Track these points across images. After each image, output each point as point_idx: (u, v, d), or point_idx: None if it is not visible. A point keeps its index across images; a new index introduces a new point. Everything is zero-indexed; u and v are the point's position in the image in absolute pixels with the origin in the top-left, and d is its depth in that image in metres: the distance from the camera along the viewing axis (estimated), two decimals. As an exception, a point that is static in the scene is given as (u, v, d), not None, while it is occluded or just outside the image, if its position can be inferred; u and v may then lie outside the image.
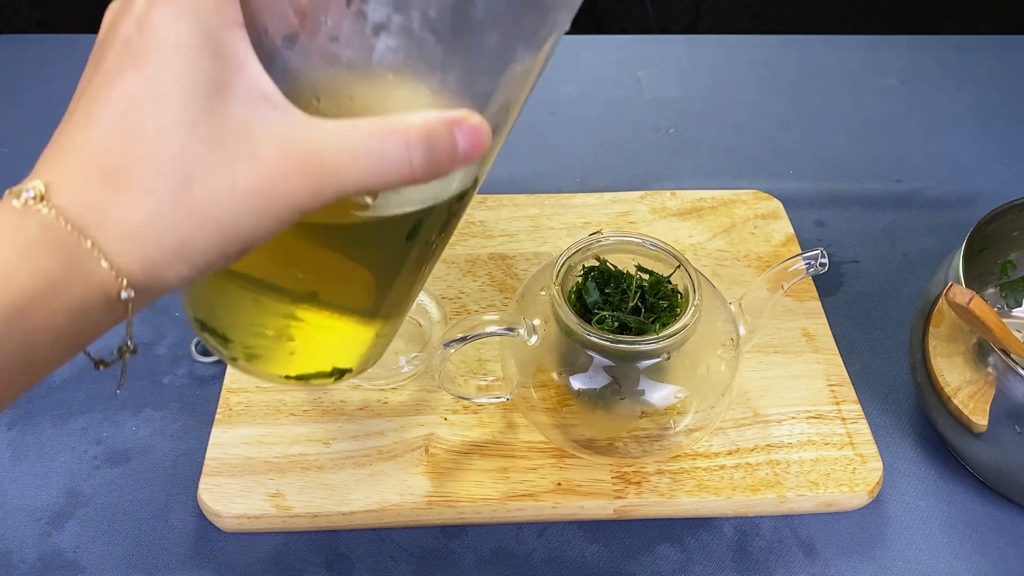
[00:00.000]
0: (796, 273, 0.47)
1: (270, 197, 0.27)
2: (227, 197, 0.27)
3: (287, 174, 0.27)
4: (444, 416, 0.53)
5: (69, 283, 0.26)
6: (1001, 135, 0.77)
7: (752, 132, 0.77)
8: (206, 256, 0.27)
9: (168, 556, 0.49)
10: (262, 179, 0.27)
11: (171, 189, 0.26)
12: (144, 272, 0.27)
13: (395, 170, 0.27)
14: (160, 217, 0.27)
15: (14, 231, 0.26)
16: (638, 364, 0.46)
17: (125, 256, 0.27)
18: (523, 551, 0.49)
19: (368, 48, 0.27)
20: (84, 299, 0.27)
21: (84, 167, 0.27)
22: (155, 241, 0.27)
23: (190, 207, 0.27)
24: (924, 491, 0.52)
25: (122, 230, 0.27)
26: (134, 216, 0.26)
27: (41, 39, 0.85)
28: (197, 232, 0.27)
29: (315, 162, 0.27)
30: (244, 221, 0.27)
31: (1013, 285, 0.58)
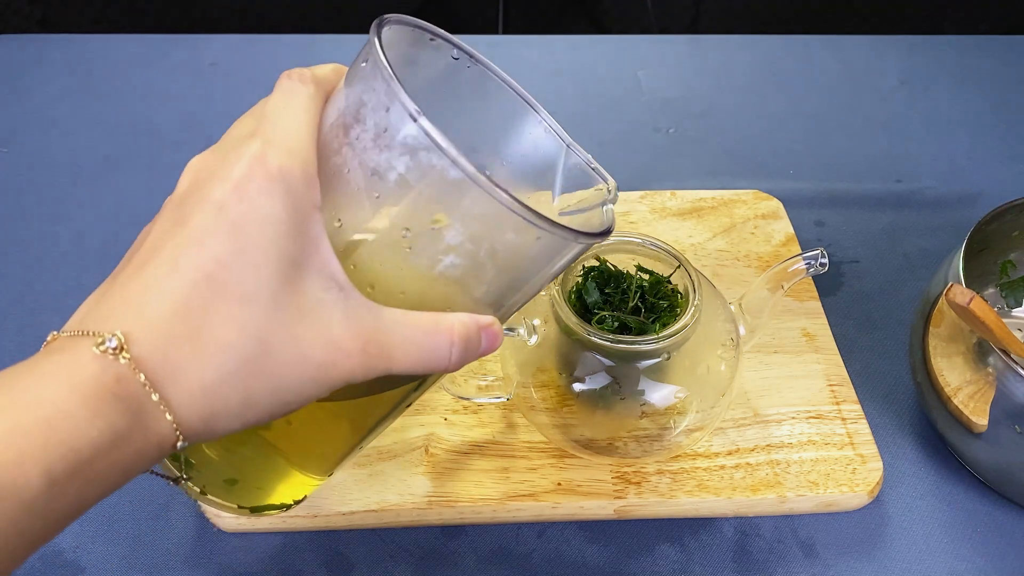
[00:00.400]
0: (796, 273, 0.47)
1: (332, 370, 0.30)
2: (297, 366, 0.29)
3: (351, 352, 0.30)
4: (444, 416, 0.53)
5: (130, 437, 0.27)
6: (1001, 135, 0.77)
7: (752, 132, 0.77)
8: (259, 414, 0.29)
9: (168, 556, 0.49)
10: (330, 355, 0.30)
11: (249, 353, 0.28)
12: (201, 425, 0.28)
13: (436, 361, 0.32)
14: (233, 377, 0.28)
15: (89, 381, 0.27)
16: (638, 364, 0.46)
17: (189, 411, 0.28)
18: (523, 551, 0.49)
19: (435, 260, 0.32)
20: (140, 452, 0.27)
21: (166, 320, 0.28)
22: (222, 399, 0.28)
23: (262, 371, 0.29)
24: (924, 491, 0.52)
25: (194, 387, 0.28)
26: (209, 375, 0.28)
27: (41, 39, 0.85)
28: (262, 394, 0.29)
29: (376, 346, 0.30)
30: (305, 388, 0.30)
31: (1013, 285, 0.58)
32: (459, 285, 0.33)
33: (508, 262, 0.33)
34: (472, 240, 0.31)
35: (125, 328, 0.28)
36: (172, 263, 0.29)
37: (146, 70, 0.82)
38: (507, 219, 0.31)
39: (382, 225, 0.31)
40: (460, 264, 0.32)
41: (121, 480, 0.27)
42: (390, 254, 0.32)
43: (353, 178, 0.31)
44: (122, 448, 0.27)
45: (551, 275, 0.36)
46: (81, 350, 0.27)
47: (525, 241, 0.32)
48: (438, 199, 0.31)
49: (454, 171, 0.30)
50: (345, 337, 0.30)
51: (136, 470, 0.28)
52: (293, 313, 0.29)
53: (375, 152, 0.31)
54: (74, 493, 0.26)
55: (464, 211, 0.31)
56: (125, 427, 0.27)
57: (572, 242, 0.33)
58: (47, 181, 0.71)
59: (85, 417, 0.26)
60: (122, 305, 0.29)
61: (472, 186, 0.30)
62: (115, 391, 0.27)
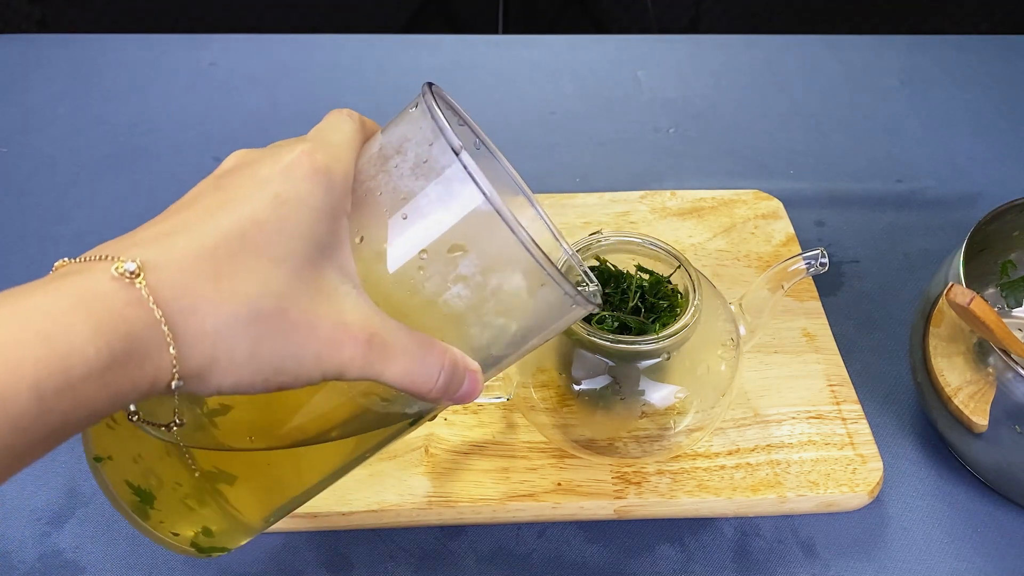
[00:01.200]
0: (796, 273, 0.47)
1: (333, 352, 0.30)
2: (307, 335, 0.30)
3: (357, 339, 0.31)
4: (444, 416, 0.53)
5: (128, 366, 0.27)
6: (1001, 135, 0.77)
7: (752, 132, 0.77)
8: (253, 377, 0.29)
9: (168, 556, 0.49)
10: (338, 335, 0.30)
11: (266, 309, 0.29)
12: (201, 368, 0.28)
13: (424, 379, 0.32)
14: (245, 327, 0.29)
15: (98, 300, 0.27)
16: (638, 364, 0.46)
17: (193, 350, 0.28)
18: (523, 551, 0.49)
19: (443, 287, 0.33)
20: (133, 383, 0.27)
21: (191, 258, 0.28)
22: (229, 346, 0.29)
23: (274, 330, 0.29)
24: (924, 491, 0.52)
25: (206, 326, 0.28)
26: (223, 318, 0.28)
27: (41, 39, 0.85)
28: (266, 354, 0.29)
29: (380, 343, 0.31)
30: (305, 363, 0.30)
31: (1013, 285, 0.58)
32: (457, 319, 0.34)
33: (508, 305, 0.34)
34: (483, 273, 0.33)
35: (146, 257, 0.28)
36: (208, 214, 0.30)
37: (146, 70, 0.82)
38: (521, 259, 0.32)
39: (402, 245, 0.33)
40: (465, 296, 0.33)
41: (107, 408, 0.27)
42: (403, 275, 0.33)
43: (384, 200, 0.33)
44: (116, 373, 0.26)
45: (537, 338, 0.37)
46: (96, 271, 0.27)
47: (530, 287, 0.33)
48: (462, 228, 0.32)
49: (484, 205, 0.32)
50: (355, 324, 0.31)
51: (124, 401, 0.27)
52: (312, 289, 0.30)
53: (411, 179, 0.33)
54: (61, 412, 0.26)
55: (484, 244, 0.32)
56: (124, 352, 0.26)
57: (569, 302, 0.35)
58: (47, 181, 0.71)
59: (85, 335, 0.26)
60: (147, 239, 0.29)
61: (497, 221, 0.32)
62: (122, 314, 0.27)
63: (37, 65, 0.81)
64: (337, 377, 0.31)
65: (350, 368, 0.31)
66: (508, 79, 0.82)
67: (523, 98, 0.80)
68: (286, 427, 0.36)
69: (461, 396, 0.34)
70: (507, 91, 0.81)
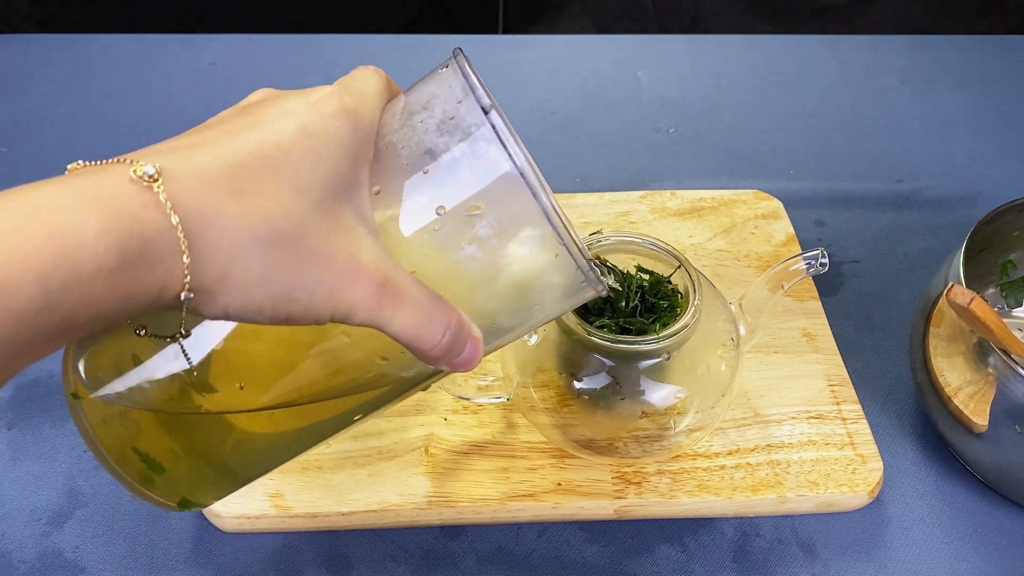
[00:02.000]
0: (796, 273, 0.47)
1: (346, 288, 0.30)
2: (322, 265, 0.29)
3: (371, 278, 0.30)
4: (444, 416, 0.53)
5: (138, 268, 0.26)
6: (1001, 135, 0.77)
7: (752, 132, 0.77)
8: (263, 301, 0.29)
9: (168, 556, 0.49)
10: (352, 270, 0.30)
11: (285, 231, 0.28)
12: (210, 285, 0.28)
13: (429, 334, 0.32)
14: (262, 246, 0.28)
15: (112, 199, 0.26)
16: (638, 364, 0.46)
17: (207, 261, 0.27)
18: (523, 551, 0.49)
19: (457, 247, 0.33)
20: (143, 287, 0.26)
21: (214, 172, 0.28)
22: (244, 263, 0.28)
23: (290, 252, 0.29)
24: (924, 491, 0.52)
25: (223, 240, 0.27)
26: (241, 233, 0.28)
27: (41, 39, 0.85)
28: (281, 277, 0.29)
29: (392, 288, 0.31)
30: (317, 296, 0.29)
31: (1013, 285, 0.58)
32: (467, 281, 0.33)
33: (519, 274, 0.33)
34: (498, 236, 0.32)
35: (166, 164, 0.27)
36: (232, 134, 0.29)
37: (146, 70, 0.82)
38: (539, 224, 0.32)
39: (420, 199, 0.32)
40: (478, 259, 0.33)
41: (114, 310, 0.26)
42: (417, 228, 0.32)
43: (406, 154, 0.32)
44: (126, 274, 0.26)
45: (542, 314, 0.36)
46: (112, 173, 0.26)
47: (545, 256, 0.33)
48: (484, 188, 0.32)
49: (508, 165, 0.31)
50: (370, 264, 0.30)
51: (131, 306, 0.27)
52: (331, 223, 0.30)
53: (435, 135, 0.32)
54: (66, 309, 0.25)
55: (504, 207, 0.32)
56: (135, 254, 0.26)
57: (580, 278, 0.34)
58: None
59: (96, 230, 0.25)
60: (167, 150, 0.28)
61: (520, 184, 0.31)
62: (137, 215, 0.26)
63: (37, 65, 0.81)
64: (344, 318, 0.30)
65: (360, 309, 0.30)
66: (508, 79, 0.82)
67: (523, 98, 0.80)
68: (278, 377, 0.36)
69: (460, 362, 0.34)
70: (507, 91, 0.81)
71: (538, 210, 0.32)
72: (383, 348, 0.35)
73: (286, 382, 0.36)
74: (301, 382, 0.36)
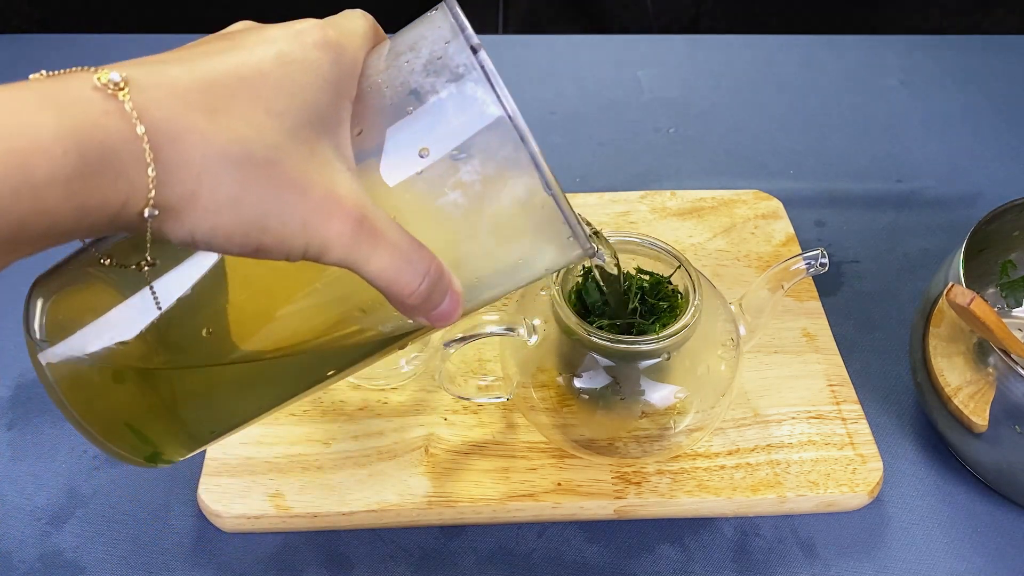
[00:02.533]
0: (796, 273, 0.47)
1: (321, 221, 0.28)
2: (297, 194, 0.28)
3: (348, 214, 0.28)
4: (444, 416, 0.53)
5: (98, 179, 0.24)
6: (1001, 135, 0.77)
7: (752, 132, 0.77)
8: (233, 227, 0.27)
9: (168, 556, 0.49)
10: (329, 203, 0.28)
11: (258, 154, 0.27)
12: (177, 203, 0.26)
13: (407, 279, 0.30)
14: (233, 166, 0.26)
15: (73, 103, 0.24)
16: (638, 364, 0.46)
17: (174, 178, 0.26)
18: (523, 551, 0.49)
19: (440, 192, 0.31)
20: (102, 201, 0.25)
21: (185, 87, 0.26)
22: (213, 183, 0.26)
23: (263, 176, 0.27)
24: (924, 491, 0.52)
25: (192, 156, 0.26)
26: (211, 151, 0.26)
27: (41, 39, 0.85)
28: (252, 201, 0.27)
29: (370, 227, 0.29)
30: (289, 225, 0.28)
31: (1013, 285, 0.58)
32: (448, 229, 0.32)
33: (503, 223, 0.32)
34: (483, 183, 0.31)
35: (135, 75, 0.25)
36: (208, 55, 0.28)
37: (146, 70, 0.82)
38: (525, 170, 0.31)
39: (403, 141, 0.31)
40: (461, 205, 0.32)
41: (71, 224, 0.25)
42: (399, 171, 0.31)
43: (390, 94, 0.31)
44: (85, 184, 0.24)
45: (526, 271, 0.35)
46: (75, 79, 0.25)
47: (530, 204, 0.32)
48: (469, 131, 0.31)
49: (496, 107, 0.30)
50: (348, 198, 0.29)
51: (90, 221, 0.25)
52: (307, 153, 0.28)
53: (421, 75, 0.31)
54: (18, 216, 0.23)
55: (489, 150, 0.31)
56: (96, 161, 0.24)
57: (566, 232, 0.33)
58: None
59: (52, 134, 0.23)
60: (138, 63, 0.26)
61: (507, 126, 0.30)
62: (99, 122, 0.24)
63: (37, 65, 0.81)
64: (318, 255, 0.29)
65: (335, 246, 0.28)
66: (508, 79, 0.82)
67: (523, 98, 0.80)
68: (247, 325, 0.34)
69: (438, 314, 0.32)
70: (507, 91, 0.81)
71: (526, 156, 0.30)
72: (361, 298, 0.34)
73: (256, 330, 0.34)
74: (272, 332, 0.35)
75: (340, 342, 0.36)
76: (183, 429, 0.36)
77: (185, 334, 0.34)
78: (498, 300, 0.37)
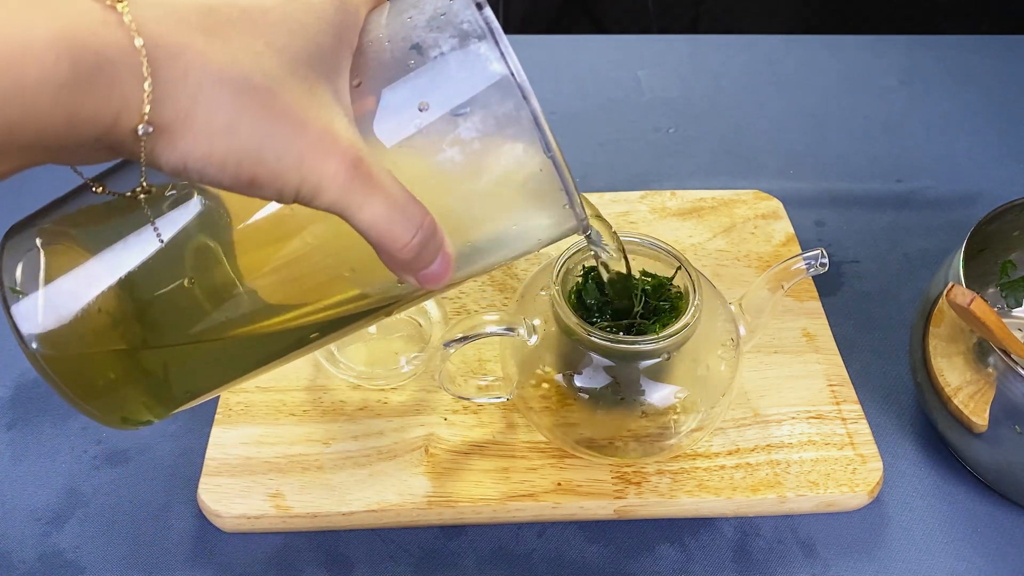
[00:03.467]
0: (796, 273, 0.47)
1: (317, 159, 0.27)
2: (291, 128, 0.27)
3: (344, 156, 0.28)
4: (444, 416, 0.53)
5: (92, 88, 0.24)
6: (1001, 135, 0.77)
7: (752, 132, 0.77)
8: (226, 155, 0.26)
9: (168, 556, 0.49)
10: (325, 142, 0.27)
11: (256, 81, 0.26)
12: (170, 123, 0.25)
13: (399, 230, 0.29)
14: (229, 92, 0.26)
15: (69, 9, 0.24)
16: (638, 364, 0.46)
17: (170, 96, 0.25)
18: (523, 551, 0.49)
19: (437, 148, 0.31)
20: (94, 110, 0.24)
21: (188, 7, 0.26)
22: (208, 106, 0.26)
23: (260, 104, 0.26)
24: (924, 491, 0.52)
25: (188, 77, 0.25)
26: (208, 75, 0.26)
27: None
28: (245, 129, 0.26)
29: (365, 172, 0.28)
30: (284, 159, 0.27)
31: (1013, 285, 0.58)
32: (443, 187, 0.32)
33: (499, 185, 0.32)
34: (482, 141, 0.31)
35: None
36: None
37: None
38: (526, 129, 0.30)
39: (402, 94, 0.31)
40: (458, 163, 0.31)
41: (61, 134, 0.24)
42: (396, 125, 0.31)
43: (391, 48, 0.31)
44: (77, 93, 0.23)
45: (519, 241, 0.34)
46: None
47: (528, 165, 0.31)
48: (470, 87, 0.30)
49: (499, 64, 0.30)
50: (344, 139, 0.28)
51: (80, 133, 0.24)
52: (305, 90, 0.28)
53: (425, 30, 0.31)
54: (4, 122, 0.23)
55: (490, 107, 0.30)
56: (89, 70, 0.23)
57: (562, 200, 0.32)
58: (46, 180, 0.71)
59: (46, 38, 0.23)
60: None
61: (510, 84, 0.30)
62: (95, 30, 0.24)
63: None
64: (311, 196, 0.28)
65: (329, 187, 0.28)
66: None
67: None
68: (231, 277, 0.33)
69: (428, 274, 0.31)
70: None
71: (527, 115, 0.30)
72: (350, 256, 0.33)
73: (239, 285, 0.34)
74: (256, 288, 0.34)
75: (327, 303, 0.35)
76: (159, 387, 0.35)
77: (165, 283, 0.33)
78: (487, 273, 0.36)
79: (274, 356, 0.37)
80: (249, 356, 0.37)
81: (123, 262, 0.32)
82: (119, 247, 0.32)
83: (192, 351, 0.35)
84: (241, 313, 0.34)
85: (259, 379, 0.55)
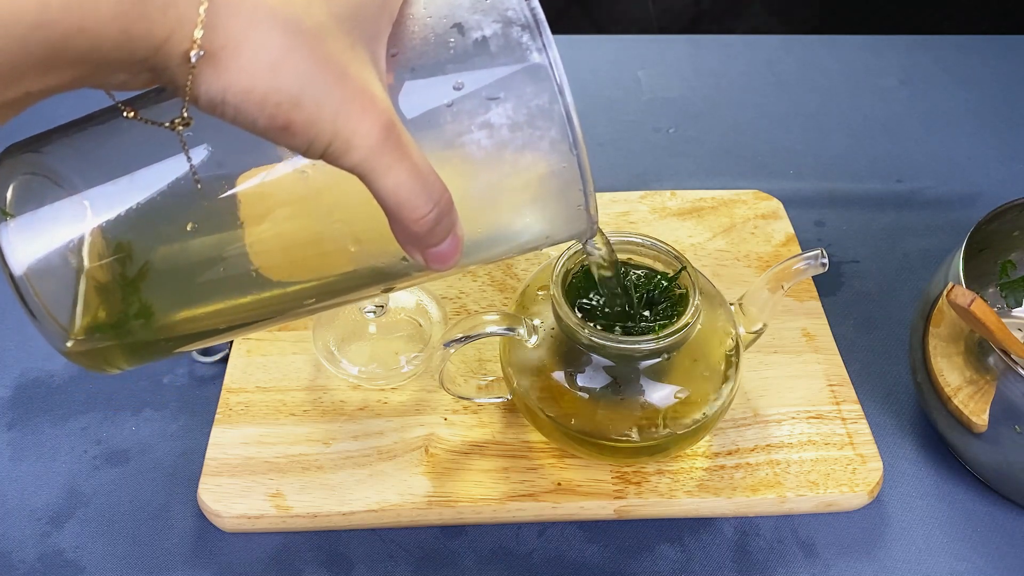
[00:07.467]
0: (796, 273, 0.47)
1: (353, 113, 0.27)
2: (334, 76, 0.27)
3: (379, 116, 0.28)
4: (444, 416, 0.53)
5: (148, 4, 0.24)
6: (1001, 135, 0.77)
7: (752, 132, 0.77)
8: (266, 94, 0.26)
9: (168, 556, 0.49)
10: (364, 97, 0.27)
11: (305, 25, 0.27)
12: (219, 50, 0.25)
13: (419, 201, 0.29)
14: (282, 30, 0.26)
15: None
16: (638, 364, 0.46)
17: (223, 23, 0.25)
18: (523, 551, 0.49)
19: (465, 129, 0.31)
20: (148, 26, 0.25)
21: None
22: (257, 40, 0.26)
23: (307, 47, 0.26)
24: (924, 491, 0.52)
25: (245, 7, 0.26)
26: (263, 6, 0.26)
27: None
28: (289, 69, 0.26)
29: (396, 136, 0.28)
30: (323, 106, 0.27)
31: (1013, 285, 0.58)
32: (466, 169, 0.32)
33: (520, 175, 0.32)
34: (511, 129, 0.31)
35: None
36: None
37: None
38: (556, 124, 0.30)
39: (439, 71, 0.31)
40: (484, 148, 0.31)
41: (112, 46, 0.24)
42: (428, 100, 0.31)
43: (432, 24, 0.31)
44: (134, 6, 0.24)
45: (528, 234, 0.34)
46: None
47: (550, 161, 0.31)
48: (507, 73, 0.30)
49: (539, 55, 0.30)
50: (380, 101, 0.28)
51: (132, 47, 0.25)
52: (348, 45, 0.28)
53: (468, 11, 0.31)
54: (61, 32, 0.23)
55: (524, 96, 0.31)
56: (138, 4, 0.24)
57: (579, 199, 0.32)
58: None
59: None
60: None
61: (547, 75, 0.30)
62: None
63: None
64: (339, 155, 0.28)
65: (359, 147, 0.28)
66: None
67: (523, 98, 0.80)
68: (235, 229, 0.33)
69: (437, 253, 0.31)
70: (507, 91, 0.81)
71: (559, 109, 0.30)
72: (357, 228, 0.33)
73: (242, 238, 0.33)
74: (259, 245, 0.33)
75: (326, 274, 0.35)
76: (142, 331, 0.34)
77: (169, 222, 0.32)
78: (491, 263, 0.36)
79: (265, 316, 0.37)
80: (233, 312, 0.36)
81: (132, 192, 0.32)
82: (133, 177, 0.31)
83: (176, 296, 0.34)
84: (236, 271, 0.34)
85: (259, 379, 0.55)
